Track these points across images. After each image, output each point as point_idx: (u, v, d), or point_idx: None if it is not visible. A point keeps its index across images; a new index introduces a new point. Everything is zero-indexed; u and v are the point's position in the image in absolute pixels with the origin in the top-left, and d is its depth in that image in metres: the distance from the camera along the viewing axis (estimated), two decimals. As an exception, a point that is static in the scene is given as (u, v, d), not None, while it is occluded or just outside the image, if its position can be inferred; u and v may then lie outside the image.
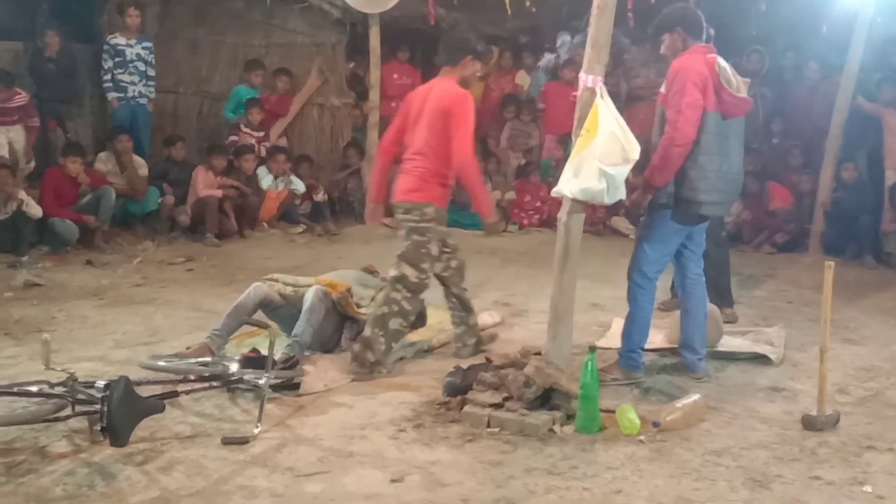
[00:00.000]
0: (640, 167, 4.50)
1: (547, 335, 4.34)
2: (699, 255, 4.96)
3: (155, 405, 3.89)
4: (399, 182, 4.98)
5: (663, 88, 4.69)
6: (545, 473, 3.64)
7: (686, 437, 4.04)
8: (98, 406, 3.64)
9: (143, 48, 9.41)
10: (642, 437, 4.00)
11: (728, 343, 5.36)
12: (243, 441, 3.88)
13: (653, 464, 3.76)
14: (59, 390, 3.89)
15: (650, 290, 4.79)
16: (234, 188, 9.04)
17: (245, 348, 4.97)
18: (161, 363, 4.44)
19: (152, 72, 9.52)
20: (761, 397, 4.64)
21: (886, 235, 8.45)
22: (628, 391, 4.63)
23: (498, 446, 3.90)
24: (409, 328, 5.10)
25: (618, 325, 5.21)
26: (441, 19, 10.21)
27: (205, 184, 8.89)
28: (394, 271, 4.90)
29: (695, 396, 4.36)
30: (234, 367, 4.46)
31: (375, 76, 9.79)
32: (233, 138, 9.65)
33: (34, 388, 3.97)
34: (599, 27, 4.22)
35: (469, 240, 7.18)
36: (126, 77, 9.31)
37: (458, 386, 4.37)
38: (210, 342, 4.87)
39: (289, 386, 4.53)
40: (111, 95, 9.32)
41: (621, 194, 4.28)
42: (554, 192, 4.31)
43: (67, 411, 3.84)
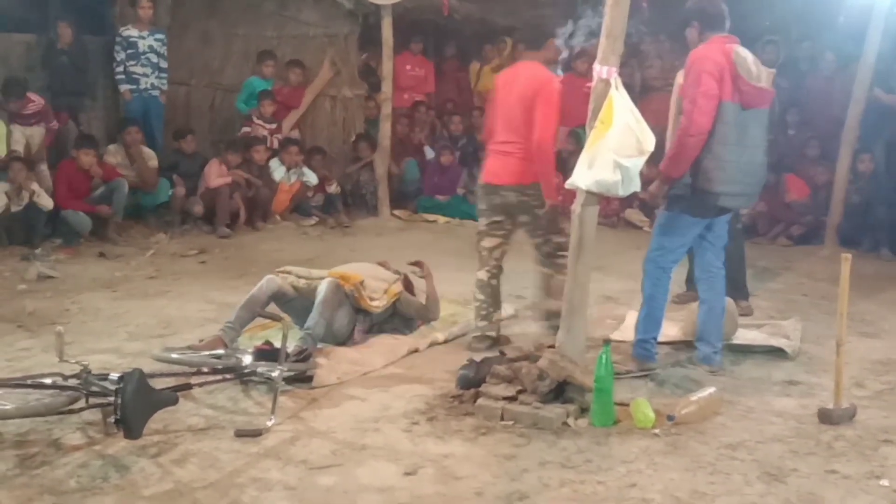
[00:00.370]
0: (655, 159, 4.47)
1: (561, 328, 4.32)
2: (720, 248, 4.92)
3: (168, 397, 3.89)
4: (502, 164, 5.10)
5: (681, 79, 4.65)
6: (559, 467, 3.62)
7: (701, 431, 4.01)
8: (112, 398, 3.64)
9: (156, 40, 9.42)
10: (657, 431, 3.98)
11: (743, 336, 5.32)
12: (256, 433, 3.88)
13: (667, 457, 3.74)
14: (73, 382, 3.90)
15: (664, 281, 4.79)
16: (245, 179, 9.03)
17: (258, 341, 4.97)
18: (174, 355, 4.44)
19: (164, 64, 9.52)
20: (777, 391, 4.61)
21: (903, 228, 8.37)
22: (643, 384, 4.61)
23: (512, 439, 3.88)
24: None
25: (632, 318, 5.19)
26: (454, 10, 10.18)
27: (217, 175, 8.90)
28: (546, 248, 5.11)
29: (710, 390, 4.33)
30: (247, 360, 4.48)
31: (388, 67, 9.74)
32: (245, 130, 9.65)
33: (48, 381, 3.98)
34: (614, 17, 4.16)
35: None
36: (138, 69, 9.32)
37: (472, 379, 4.35)
38: (223, 334, 4.87)
39: (302, 378, 4.53)
40: (123, 87, 9.33)
41: (636, 186, 4.24)
42: (568, 184, 4.28)
43: (81, 403, 3.85)
